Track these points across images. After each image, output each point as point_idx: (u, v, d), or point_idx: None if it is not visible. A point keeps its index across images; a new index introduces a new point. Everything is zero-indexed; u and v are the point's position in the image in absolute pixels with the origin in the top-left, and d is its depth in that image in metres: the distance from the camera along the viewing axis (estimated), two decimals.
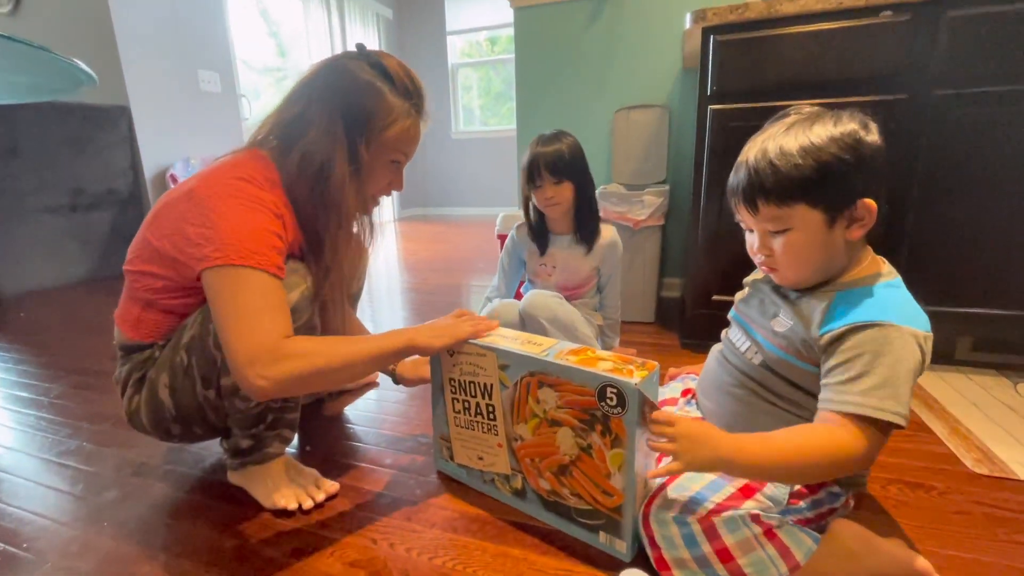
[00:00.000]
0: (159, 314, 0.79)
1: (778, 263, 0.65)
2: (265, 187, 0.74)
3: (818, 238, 0.61)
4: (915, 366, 0.57)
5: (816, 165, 0.58)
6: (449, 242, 3.71)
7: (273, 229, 0.72)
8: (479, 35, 5.17)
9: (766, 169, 0.60)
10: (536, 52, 2.07)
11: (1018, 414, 1.05)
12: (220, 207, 0.70)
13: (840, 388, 0.58)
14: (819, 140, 0.58)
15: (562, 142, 1.19)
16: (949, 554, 0.69)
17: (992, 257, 1.18)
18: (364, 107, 0.77)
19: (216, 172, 0.74)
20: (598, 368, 0.65)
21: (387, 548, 0.74)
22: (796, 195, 0.60)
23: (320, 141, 0.76)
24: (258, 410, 0.80)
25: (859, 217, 0.60)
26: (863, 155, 0.58)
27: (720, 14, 1.22)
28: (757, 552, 0.58)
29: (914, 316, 0.59)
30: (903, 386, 0.56)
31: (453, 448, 0.87)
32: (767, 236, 0.65)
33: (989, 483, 0.84)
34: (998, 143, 1.12)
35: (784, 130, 0.61)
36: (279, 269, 0.71)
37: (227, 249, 0.68)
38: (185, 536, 0.78)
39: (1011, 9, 1.06)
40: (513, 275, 1.39)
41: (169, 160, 2.91)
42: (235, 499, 0.86)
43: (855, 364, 0.57)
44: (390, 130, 0.79)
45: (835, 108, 0.62)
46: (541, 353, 0.72)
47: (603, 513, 0.69)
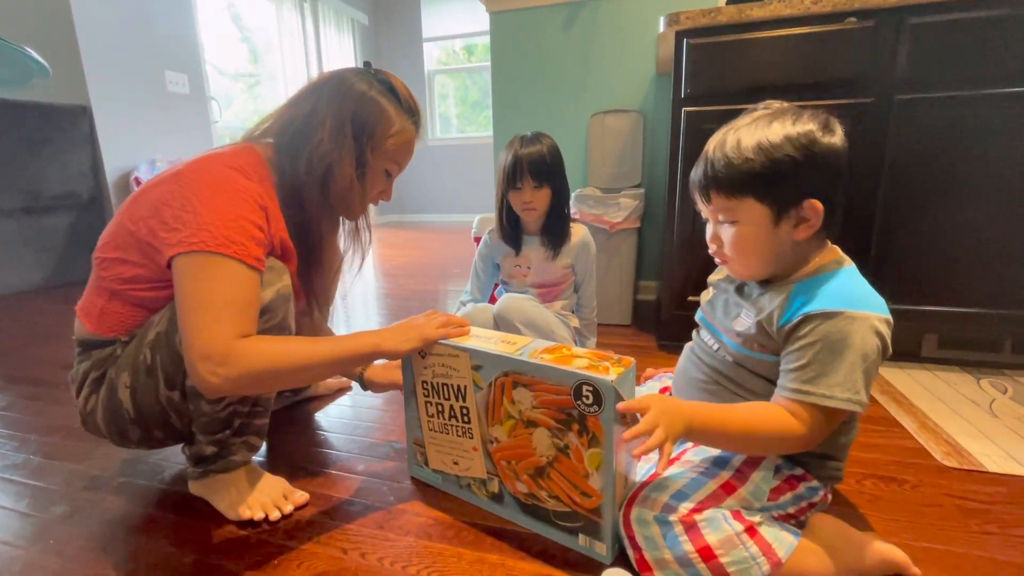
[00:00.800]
0: (125, 306, 0.75)
1: (727, 255, 0.67)
2: (254, 179, 0.73)
3: (764, 233, 0.62)
4: (870, 351, 0.57)
5: (767, 161, 0.59)
6: (425, 248, 3.67)
7: (255, 220, 0.70)
8: (455, 43, 5.18)
9: (720, 161, 0.62)
10: (512, 57, 2.07)
11: (982, 408, 1.08)
12: (204, 192, 0.68)
13: (792, 376, 0.59)
14: (774, 138, 0.59)
15: (543, 144, 1.18)
16: (924, 546, 0.70)
17: (955, 257, 1.22)
18: (371, 116, 0.80)
19: (206, 158, 0.73)
20: (573, 366, 0.64)
21: (358, 558, 0.71)
22: (745, 188, 0.61)
23: (330, 143, 0.77)
24: (225, 414, 0.76)
25: (806, 217, 0.61)
26: (814, 155, 0.58)
27: (693, 17, 1.24)
28: (739, 550, 0.57)
29: (870, 302, 0.60)
30: (854, 371, 0.56)
31: (427, 453, 0.84)
32: (719, 227, 0.67)
33: (959, 475, 0.86)
34: (960, 146, 1.16)
35: (745, 125, 0.62)
36: (258, 261, 0.69)
37: (203, 234, 0.65)
38: (139, 552, 0.73)
39: (969, 17, 1.10)
40: (487, 279, 1.37)
41: (133, 162, 2.81)
42: (196, 511, 0.81)
43: (806, 353, 0.58)
44: (392, 140, 0.82)
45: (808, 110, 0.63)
46: (515, 352, 0.70)
47: (582, 515, 0.67)
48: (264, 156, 0.79)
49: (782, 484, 0.65)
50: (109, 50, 2.70)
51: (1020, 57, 1.09)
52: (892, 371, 1.28)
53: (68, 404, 1.19)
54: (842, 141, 0.60)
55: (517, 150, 1.17)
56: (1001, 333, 1.26)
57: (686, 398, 0.76)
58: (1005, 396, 1.13)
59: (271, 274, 0.74)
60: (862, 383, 0.57)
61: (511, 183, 1.18)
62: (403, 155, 0.86)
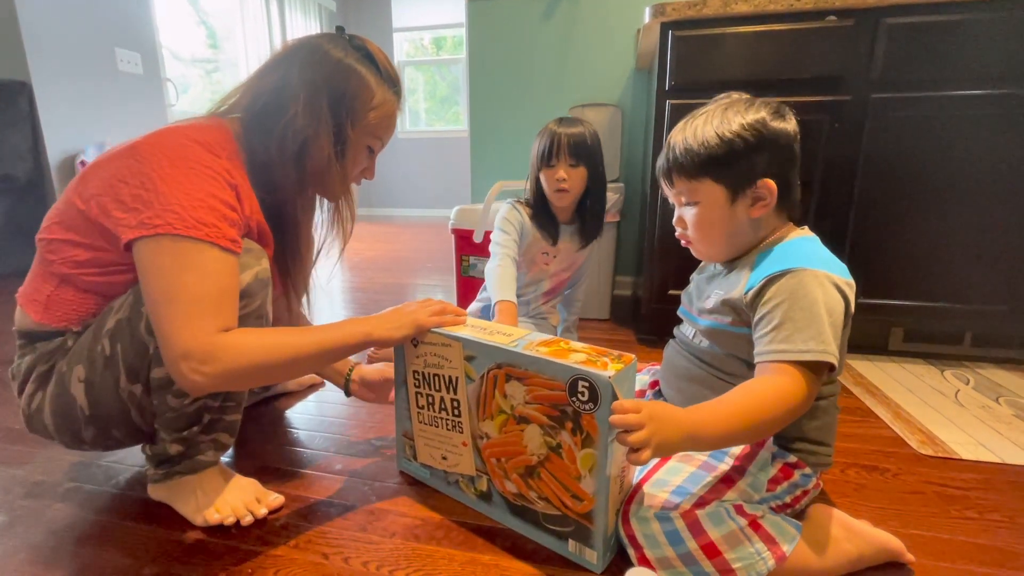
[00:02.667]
0: (77, 293, 0.67)
1: (690, 236, 0.71)
2: (222, 155, 0.66)
3: (722, 213, 0.66)
4: (834, 305, 0.58)
5: (722, 144, 0.64)
6: (394, 242, 3.58)
7: (226, 199, 0.64)
8: (424, 37, 5.08)
9: (680, 146, 0.67)
10: (489, 47, 2.03)
11: (949, 398, 1.12)
12: (165, 167, 0.61)
13: (767, 339, 0.59)
14: (729, 124, 0.64)
15: (583, 126, 1.14)
16: (912, 533, 0.70)
17: (922, 253, 1.26)
18: (349, 87, 0.73)
19: (166, 130, 0.66)
20: (570, 360, 0.60)
21: (340, 563, 0.66)
22: (702, 170, 0.65)
23: (304, 118, 0.70)
24: (194, 408, 0.70)
25: (760, 196, 0.65)
26: (765, 137, 0.63)
27: (679, 9, 1.23)
28: (744, 546, 0.56)
29: (830, 262, 0.62)
30: (823, 326, 0.57)
31: (416, 446, 0.80)
32: (682, 209, 0.71)
33: (935, 463, 0.88)
34: (931, 146, 1.20)
35: (704, 114, 0.67)
36: (234, 243, 0.63)
37: (168, 215, 0.59)
38: (89, 564, 0.66)
39: (943, 19, 1.14)
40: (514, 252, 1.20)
41: (79, 144, 2.61)
42: (156, 517, 0.74)
43: (775, 313, 0.59)
44: (374, 112, 0.76)
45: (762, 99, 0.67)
46: (510, 344, 0.66)
47: (572, 519, 0.64)
48: (232, 132, 0.72)
49: (778, 473, 0.64)
50: (52, 22, 2.49)
51: (991, 60, 1.14)
52: (863, 364, 1.32)
53: (7, 404, 1.07)
54: (793, 127, 0.65)
55: (555, 128, 1.13)
56: (962, 327, 1.32)
57: (674, 389, 0.76)
58: (968, 386, 1.18)
59: (248, 256, 0.68)
60: (830, 336, 0.57)
61: (546, 161, 1.13)
62: (385, 129, 0.80)
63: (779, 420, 0.56)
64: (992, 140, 1.17)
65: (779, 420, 0.56)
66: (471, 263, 1.68)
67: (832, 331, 0.57)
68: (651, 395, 0.82)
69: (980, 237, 1.22)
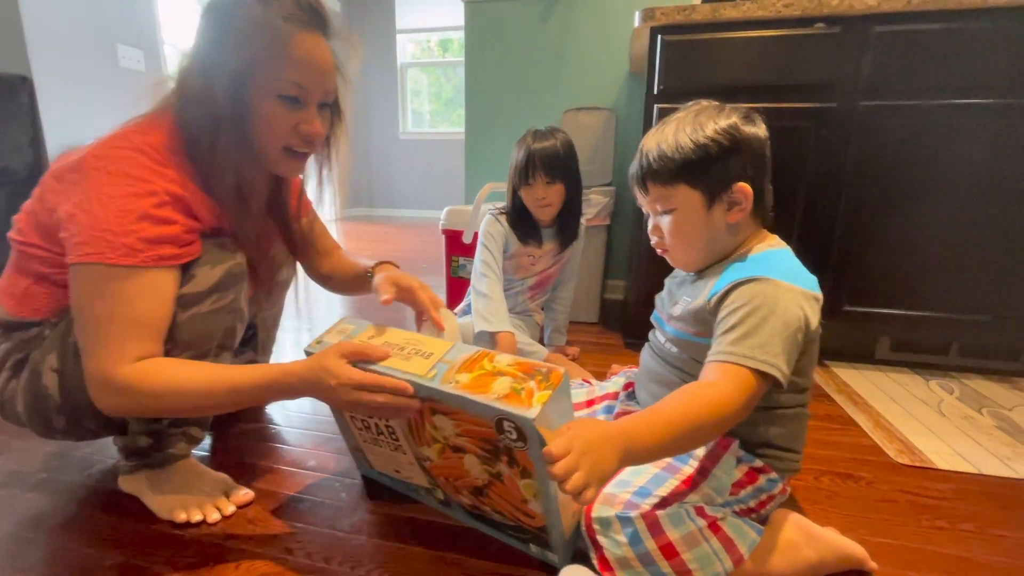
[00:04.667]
0: (53, 288, 0.68)
1: (668, 244, 0.70)
2: (169, 163, 0.63)
3: (699, 219, 0.66)
4: (791, 320, 0.57)
5: (696, 149, 0.63)
6: (392, 242, 3.59)
7: (163, 216, 0.61)
8: (431, 38, 5.10)
9: (654, 152, 0.66)
10: (486, 49, 2.03)
11: (932, 408, 1.11)
12: (104, 186, 0.59)
13: (719, 339, 0.59)
14: (702, 129, 0.64)
15: (556, 138, 1.16)
16: (879, 541, 0.70)
17: (909, 262, 1.26)
18: (219, 30, 0.64)
19: (113, 139, 0.63)
20: (493, 392, 0.54)
21: (303, 559, 0.66)
22: (677, 176, 0.65)
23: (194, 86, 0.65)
24: None
25: (736, 200, 0.64)
26: (739, 141, 0.63)
27: (668, 14, 1.24)
28: (702, 546, 0.56)
29: (797, 276, 0.61)
30: (775, 337, 0.56)
31: (369, 459, 0.79)
32: (658, 218, 0.70)
33: (911, 472, 0.88)
34: (917, 155, 1.20)
35: (676, 120, 0.67)
36: (172, 258, 0.62)
37: (100, 244, 0.58)
38: (57, 554, 0.66)
39: (931, 28, 1.13)
40: (500, 268, 1.24)
41: (79, 138, 2.59)
42: (125, 510, 0.74)
43: (732, 316, 0.59)
44: (249, 49, 0.62)
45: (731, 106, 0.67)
46: (427, 376, 0.59)
47: (529, 529, 0.63)
48: (177, 123, 0.66)
49: (743, 477, 0.64)
50: (54, 18, 2.52)
51: (979, 70, 1.14)
52: (849, 372, 1.31)
53: None
54: (764, 132, 0.65)
55: (530, 144, 1.15)
56: (948, 336, 1.31)
57: (647, 392, 0.76)
58: (952, 396, 1.17)
59: (220, 252, 0.68)
60: (780, 349, 0.56)
61: (524, 179, 1.16)
62: (284, 66, 0.64)
63: (713, 427, 0.54)
64: (979, 150, 1.17)
65: (713, 427, 0.54)
66: (460, 264, 1.69)
67: (783, 344, 0.56)
68: (624, 396, 0.81)
69: (966, 247, 1.22)
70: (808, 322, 0.59)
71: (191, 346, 0.67)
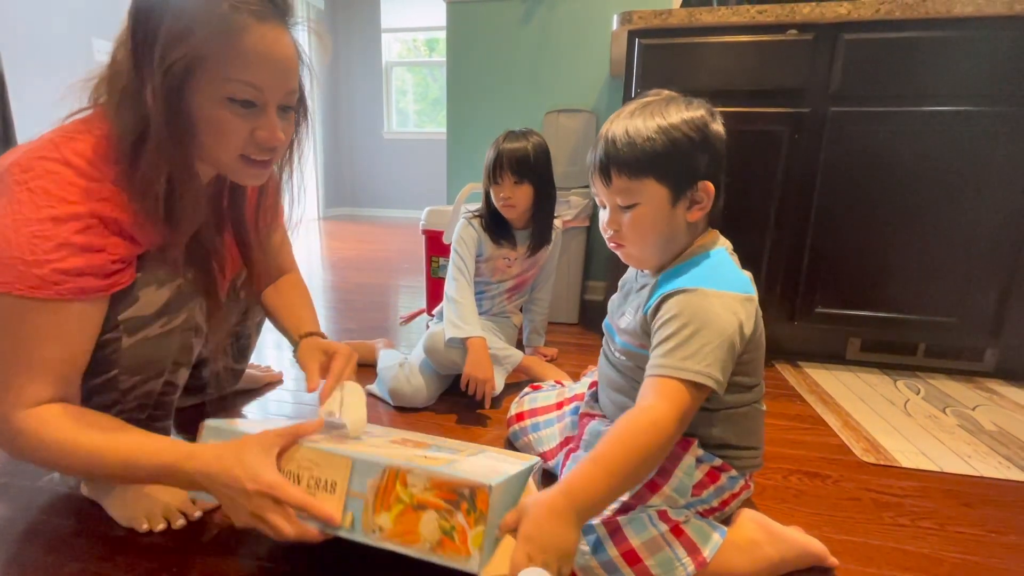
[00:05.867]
0: None
1: (624, 238, 0.66)
2: (98, 174, 0.56)
3: (662, 214, 0.63)
4: (723, 327, 0.57)
5: (665, 138, 0.61)
6: (375, 242, 3.57)
7: (85, 243, 0.55)
8: (417, 37, 5.08)
9: (622, 141, 0.62)
10: (468, 50, 2.03)
11: (898, 407, 1.14)
12: (21, 205, 0.52)
13: (652, 352, 0.59)
14: (673, 119, 0.61)
15: (528, 141, 1.16)
16: (842, 538, 0.71)
17: (878, 264, 1.29)
18: (154, 12, 0.53)
19: (40, 149, 0.55)
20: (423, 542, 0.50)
21: (268, 564, 0.65)
22: (646, 168, 0.62)
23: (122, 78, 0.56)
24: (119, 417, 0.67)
25: (698, 199, 0.63)
26: (707, 136, 0.62)
27: (645, 18, 1.25)
28: (664, 551, 0.56)
29: (729, 280, 0.61)
30: (706, 347, 0.56)
31: None
32: (617, 211, 0.66)
33: (876, 471, 0.90)
34: (885, 160, 1.23)
35: (641, 108, 0.64)
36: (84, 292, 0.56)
37: (7, 271, 0.52)
38: (15, 561, 0.64)
39: (900, 36, 1.16)
40: (471, 273, 1.24)
41: None
42: (85, 515, 0.72)
43: (664, 328, 0.59)
44: (190, 42, 0.53)
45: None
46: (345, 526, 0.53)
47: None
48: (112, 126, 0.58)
49: (704, 478, 0.65)
50: (27, 10, 2.46)
51: (945, 77, 1.17)
52: (819, 372, 1.33)
53: None
54: (723, 130, 0.64)
55: (501, 144, 1.16)
56: (916, 338, 1.35)
57: (607, 398, 0.76)
58: (918, 396, 1.20)
59: (167, 270, 0.64)
60: (713, 358, 0.55)
61: (492, 178, 1.17)
62: (246, 67, 0.55)
63: (657, 451, 0.54)
64: (945, 155, 1.20)
65: (657, 451, 0.54)
66: (440, 264, 1.68)
67: (715, 353, 0.56)
68: (588, 397, 0.82)
69: (933, 250, 1.25)
70: (742, 326, 0.58)
71: (141, 370, 0.64)
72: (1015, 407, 1.15)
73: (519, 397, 0.95)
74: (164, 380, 0.69)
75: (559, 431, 0.84)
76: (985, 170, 1.19)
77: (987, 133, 1.17)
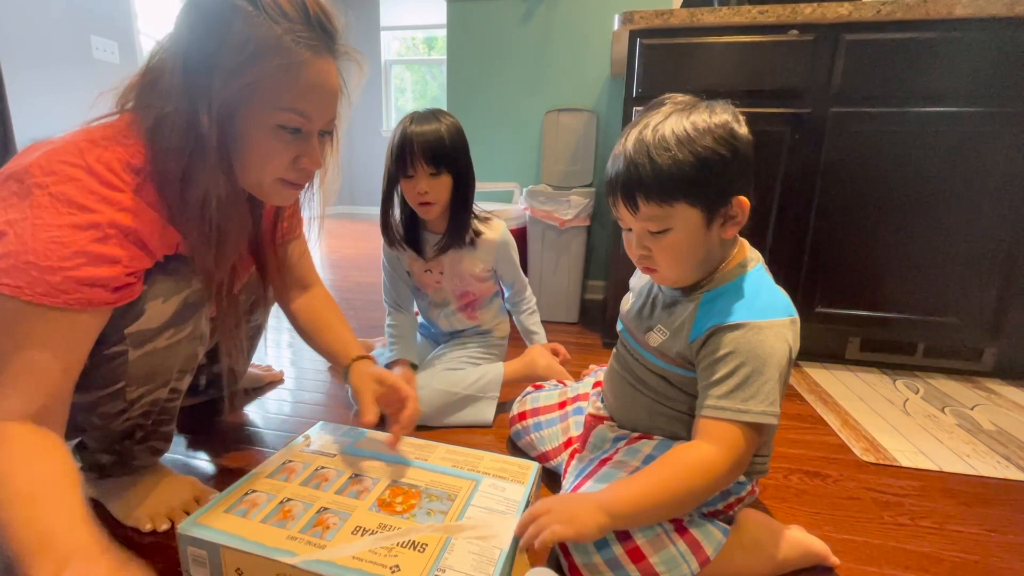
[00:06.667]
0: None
1: (657, 263, 0.62)
2: (120, 183, 0.55)
3: (697, 238, 0.59)
4: (780, 359, 0.56)
5: (693, 159, 0.56)
6: (373, 241, 3.56)
7: (103, 253, 0.54)
8: (416, 35, 5.07)
9: (644, 161, 0.56)
10: (468, 49, 2.03)
11: (897, 407, 1.14)
12: (42, 209, 0.51)
13: (707, 393, 0.58)
14: (695, 130, 0.56)
15: (441, 122, 0.97)
16: (843, 537, 0.72)
17: (878, 264, 1.29)
18: (213, 36, 0.53)
19: (64, 153, 0.54)
20: None
21: None
22: (676, 192, 0.57)
23: (170, 99, 0.55)
24: (125, 427, 0.68)
25: (733, 215, 0.59)
26: (737, 148, 0.57)
27: (646, 18, 1.25)
28: (668, 549, 0.57)
29: (775, 306, 0.59)
30: (766, 384, 0.55)
31: None
32: (646, 236, 0.61)
33: (876, 470, 0.90)
34: (886, 161, 1.23)
35: (662, 119, 0.58)
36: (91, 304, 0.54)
37: (20, 274, 0.50)
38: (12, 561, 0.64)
39: (901, 37, 1.17)
40: (404, 290, 1.14)
41: (51, 132, 2.52)
42: None
43: (718, 367, 0.57)
44: (250, 73, 0.54)
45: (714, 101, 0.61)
46: None
47: None
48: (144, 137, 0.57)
49: None
50: (25, 7, 2.44)
51: (945, 78, 1.17)
52: (819, 371, 1.34)
53: None
54: (749, 132, 0.60)
55: (407, 127, 0.95)
56: (916, 337, 1.35)
57: (613, 396, 0.75)
58: (917, 396, 1.21)
59: (174, 282, 0.63)
60: (775, 396, 0.55)
61: (401, 169, 0.96)
62: (288, 93, 0.56)
63: (703, 495, 0.55)
64: (945, 156, 1.20)
65: (703, 495, 0.55)
66: None
67: (775, 388, 0.56)
68: (595, 397, 0.82)
69: (933, 251, 1.25)
70: (791, 351, 0.58)
71: (147, 381, 0.64)
72: (1014, 407, 1.16)
73: (521, 396, 0.96)
74: (170, 388, 0.69)
75: (561, 431, 0.84)
76: (986, 171, 1.19)
77: (988, 134, 1.17)
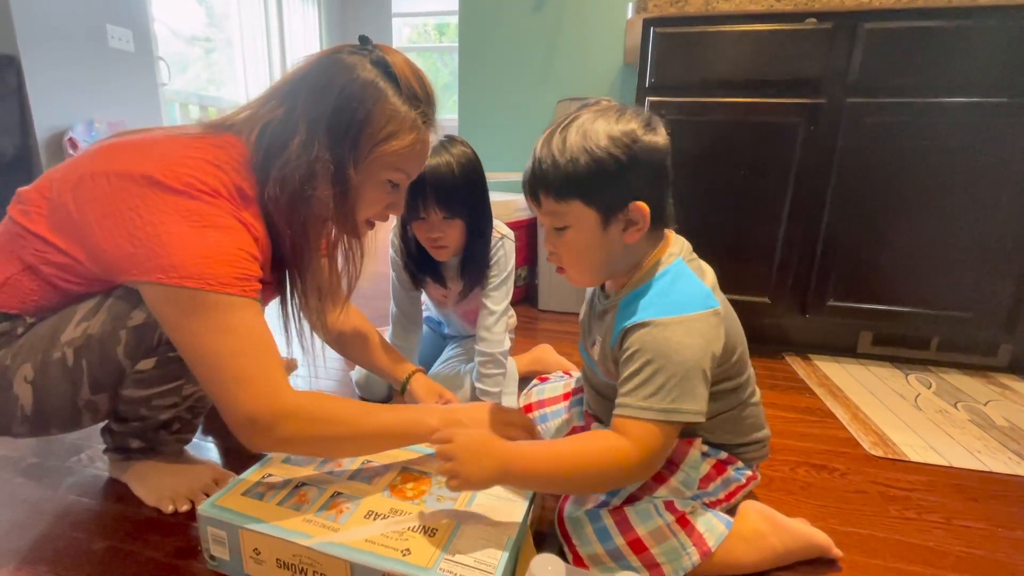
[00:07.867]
0: (41, 284, 0.61)
1: (563, 261, 0.64)
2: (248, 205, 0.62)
3: (594, 239, 0.60)
4: (687, 358, 0.55)
5: (591, 162, 0.56)
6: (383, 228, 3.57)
7: (250, 250, 0.60)
8: (427, 22, 5.03)
9: (548, 159, 0.58)
10: (480, 37, 2.02)
11: (908, 402, 1.14)
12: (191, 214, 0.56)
13: (620, 391, 0.57)
14: (597, 137, 0.56)
15: (452, 153, 0.88)
16: (848, 531, 0.72)
17: (892, 258, 1.28)
18: (356, 114, 0.63)
19: (180, 146, 0.58)
20: None
21: None
22: (571, 190, 0.58)
23: (301, 156, 0.62)
24: (166, 417, 0.71)
25: (633, 220, 0.58)
26: (636, 155, 0.56)
27: (661, 6, 1.23)
28: (670, 541, 0.58)
29: (688, 301, 0.58)
30: (670, 380, 0.54)
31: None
32: (552, 233, 0.63)
33: (884, 464, 0.90)
34: (903, 153, 1.21)
35: (570, 123, 0.59)
36: (256, 294, 0.60)
37: (192, 268, 0.54)
38: (46, 538, 0.67)
39: (921, 25, 1.14)
40: (412, 304, 1.10)
41: (68, 121, 2.59)
42: (112, 495, 0.76)
43: (627, 366, 0.57)
44: (388, 144, 0.65)
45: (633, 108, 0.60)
46: None
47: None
48: (247, 160, 0.63)
49: (711, 471, 0.66)
50: None
51: (965, 67, 1.14)
52: (830, 365, 1.33)
53: None
54: (664, 140, 0.59)
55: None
56: (929, 332, 1.34)
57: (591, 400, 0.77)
58: (929, 391, 1.20)
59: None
60: (679, 391, 0.54)
61: (412, 210, 0.89)
62: (409, 160, 0.68)
63: (600, 481, 0.56)
64: (964, 148, 1.18)
65: (600, 481, 0.56)
66: None
67: (683, 386, 0.54)
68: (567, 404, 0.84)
69: (948, 244, 1.23)
70: (710, 346, 0.57)
71: None
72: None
73: (527, 389, 0.97)
74: None
75: (567, 421, 0.85)
76: (1004, 163, 1.16)
77: (1007, 125, 1.15)
